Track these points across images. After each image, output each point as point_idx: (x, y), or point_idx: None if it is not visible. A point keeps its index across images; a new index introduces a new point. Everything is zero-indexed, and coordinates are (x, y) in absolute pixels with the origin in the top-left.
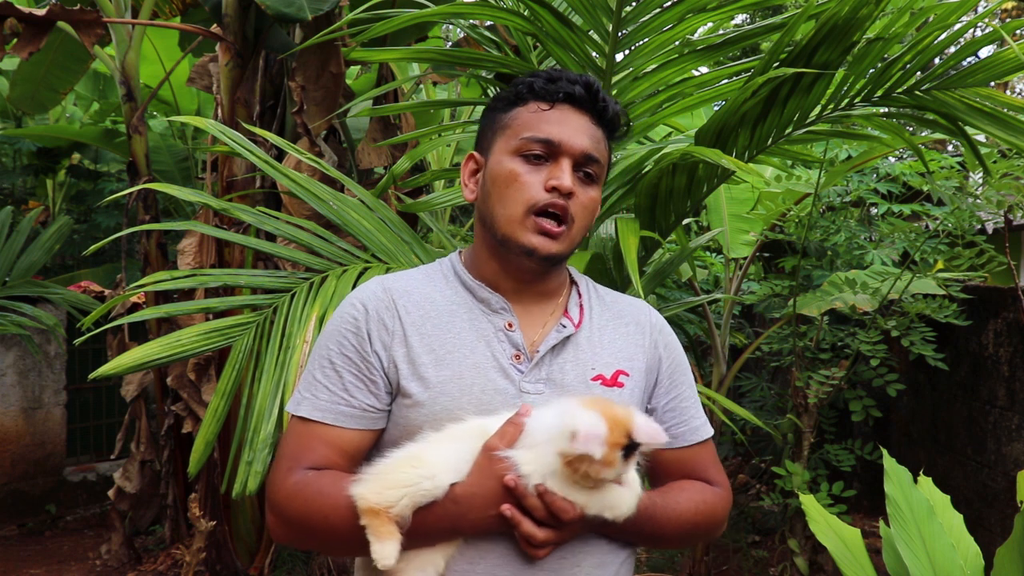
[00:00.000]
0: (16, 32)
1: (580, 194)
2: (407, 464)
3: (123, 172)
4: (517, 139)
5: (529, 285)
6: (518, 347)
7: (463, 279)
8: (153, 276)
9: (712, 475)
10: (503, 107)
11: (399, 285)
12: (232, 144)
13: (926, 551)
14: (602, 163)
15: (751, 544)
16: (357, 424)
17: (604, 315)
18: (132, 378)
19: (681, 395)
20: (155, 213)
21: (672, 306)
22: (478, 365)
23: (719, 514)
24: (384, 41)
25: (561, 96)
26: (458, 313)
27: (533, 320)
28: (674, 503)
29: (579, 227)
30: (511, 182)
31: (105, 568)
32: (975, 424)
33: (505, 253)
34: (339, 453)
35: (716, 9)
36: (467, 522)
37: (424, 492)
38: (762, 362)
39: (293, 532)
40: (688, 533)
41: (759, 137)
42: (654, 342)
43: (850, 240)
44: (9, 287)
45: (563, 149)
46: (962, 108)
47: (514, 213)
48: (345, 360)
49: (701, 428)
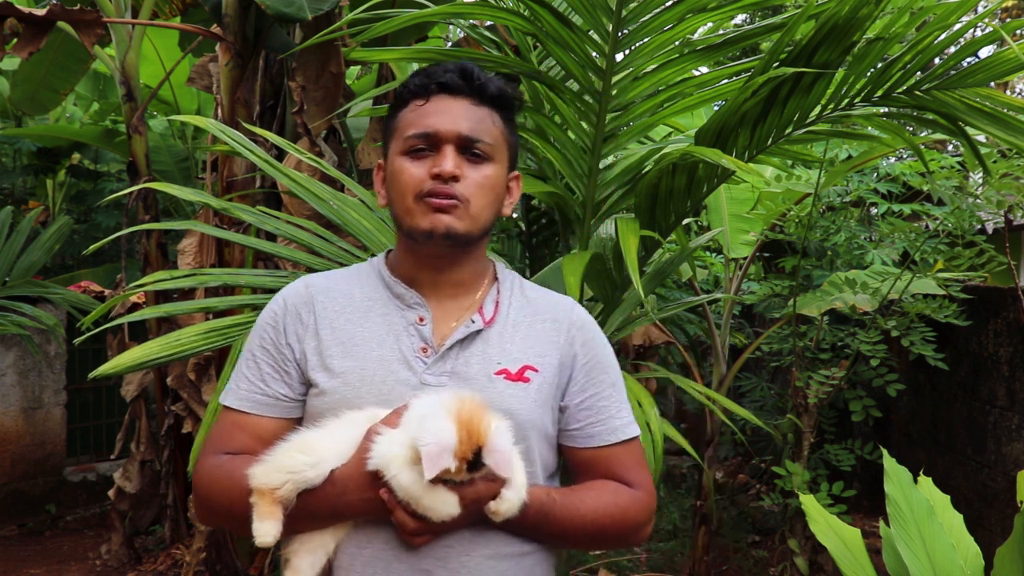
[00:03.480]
0: (16, 32)
1: (470, 174)
2: (296, 450)
3: (123, 172)
4: (402, 140)
5: (443, 275)
6: (426, 340)
7: (383, 276)
8: (153, 276)
9: (632, 476)
10: (392, 114)
11: (322, 283)
12: (232, 143)
13: (926, 551)
14: (490, 140)
15: (751, 544)
16: (272, 412)
17: (522, 311)
18: (132, 378)
19: (599, 394)
20: (155, 213)
21: (672, 306)
22: (383, 357)
23: (633, 517)
24: (384, 41)
25: (434, 88)
26: (373, 308)
27: (447, 315)
28: (578, 502)
29: (478, 205)
30: (399, 177)
31: (105, 568)
32: (975, 424)
33: (416, 245)
34: (257, 440)
35: (716, 9)
36: (344, 504)
37: (307, 480)
38: (762, 362)
39: (208, 513)
40: (595, 534)
41: (759, 137)
42: (571, 339)
43: (850, 240)
44: (9, 287)
45: (441, 136)
46: (962, 108)
47: (406, 204)
48: (264, 352)
49: (622, 428)
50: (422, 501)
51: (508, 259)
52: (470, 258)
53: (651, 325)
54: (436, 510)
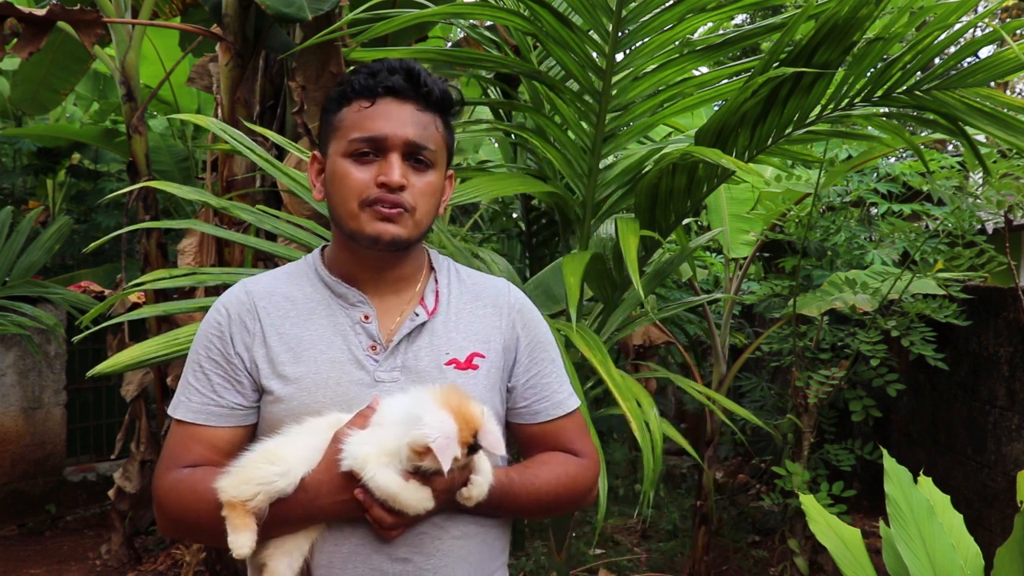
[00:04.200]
0: (16, 32)
1: (415, 182)
2: (263, 460)
3: (123, 172)
4: (346, 141)
5: (384, 273)
6: (374, 338)
7: (322, 276)
8: (152, 274)
9: (578, 446)
10: (334, 108)
11: (261, 287)
12: (233, 142)
13: (926, 551)
14: (434, 147)
15: (751, 544)
16: (227, 422)
17: (462, 298)
18: (132, 378)
19: (542, 372)
20: (155, 213)
21: (672, 306)
22: (334, 359)
23: (582, 484)
24: (384, 41)
25: (380, 90)
26: (316, 310)
27: (390, 310)
28: (532, 477)
29: (423, 212)
30: (344, 181)
31: (105, 568)
32: (975, 424)
33: (356, 246)
34: (214, 450)
35: (716, 9)
36: (318, 508)
37: (278, 490)
38: (762, 362)
39: (173, 527)
40: (550, 504)
41: (759, 137)
42: (512, 322)
43: (850, 240)
44: (9, 287)
45: (388, 143)
46: (962, 108)
47: (351, 209)
48: (212, 363)
49: (565, 401)
50: (399, 498)
51: (508, 259)
52: (409, 256)
53: (651, 325)
54: (413, 505)
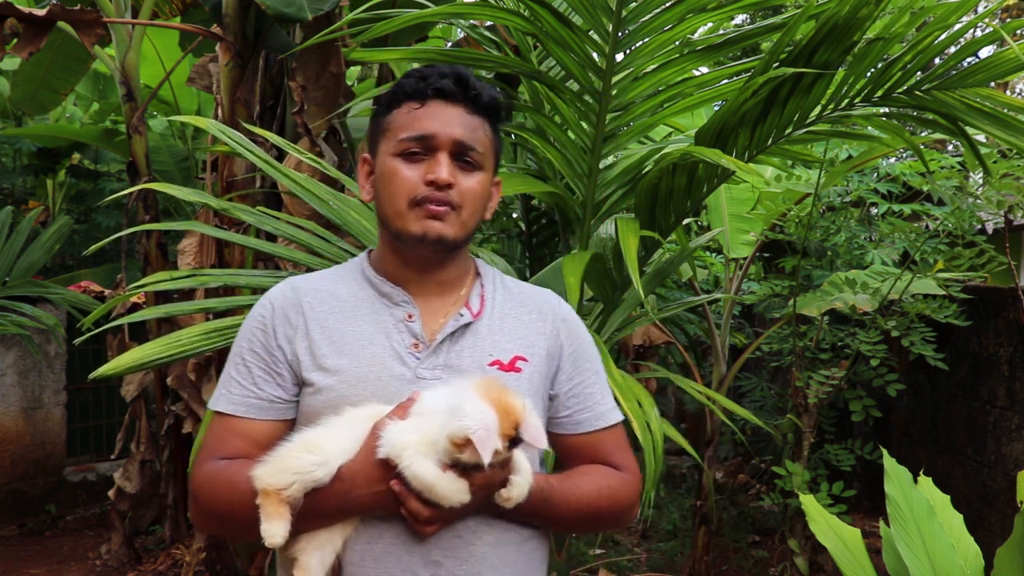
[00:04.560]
0: (16, 32)
1: (462, 182)
2: (302, 449)
3: (123, 172)
4: (395, 141)
5: (429, 275)
6: (417, 336)
7: (368, 276)
8: (153, 276)
9: (619, 460)
10: (383, 111)
11: (307, 284)
12: (232, 144)
13: (926, 551)
14: (482, 150)
15: (751, 544)
16: (266, 415)
17: (507, 304)
18: (132, 378)
19: (585, 382)
20: (155, 213)
21: (672, 306)
22: (376, 354)
23: (624, 498)
24: (384, 41)
25: (430, 92)
26: (361, 308)
27: (434, 311)
28: (573, 487)
29: (469, 212)
30: (392, 179)
31: (105, 568)
32: (975, 424)
33: (402, 246)
34: (251, 444)
35: (716, 9)
36: (353, 499)
37: (315, 479)
38: (762, 362)
39: (208, 519)
40: (591, 517)
41: (759, 137)
42: (556, 330)
43: (850, 240)
44: (9, 287)
45: (436, 142)
46: (962, 108)
47: (399, 207)
48: (254, 356)
49: (607, 414)
50: (435, 488)
51: (508, 259)
52: (455, 259)
53: (651, 325)
54: (448, 497)
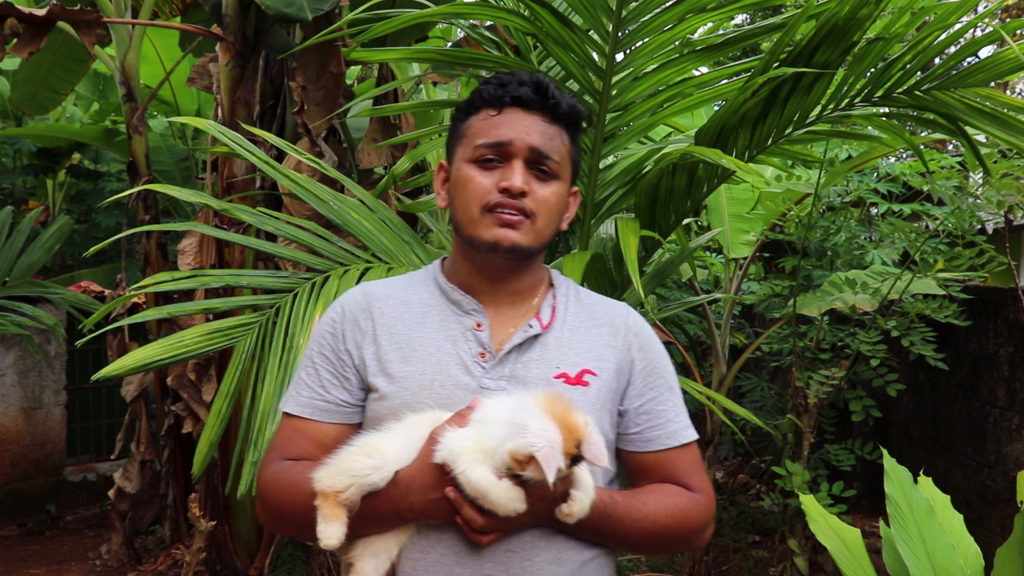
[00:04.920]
0: (16, 32)
1: (537, 190)
2: (360, 452)
3: (123, 172)
4: (471, 147)
5: (502, 284)
6: (484, 346)
7: (439, 283)
8: (155, 277)
9: (692, 480)
10: (461, 117)
11: (379, 290)
12: (232, 145)
13: (926, 551)
14: (558, 159)
15: (751, 544)
16: (332, 418)
17: (578, 316)
18: (132, 378)
19: (658, 398)
20: (155, 213)
21: (672, 306)
22: (441, 362)
23: (695, 520)
24: (384, 41)
25: (508, 100)
26: (430, 314)
27: (504, 321)
28: (640, 504)
29: (543, 221)
30: (467, 185)
31: (105, 568)
32: (975, 424)
33: (475, 254)
34: (317, 446)
35: (716, 9)
36: (408, 505)
37: (371, 483)
38: (762, 362)
39: (273, 518)
40: (658, 537)
41: (759, 137)
42: (628, 344)
43: (850, 240)
44: (9, 287)
45: (513, 149)
46: (962, 108)
47: (472, 214)
48: (323, 359)
49: (680, 432)
50: (489, 495)
51: None
52: (528, 269)
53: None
54: (504, 505)
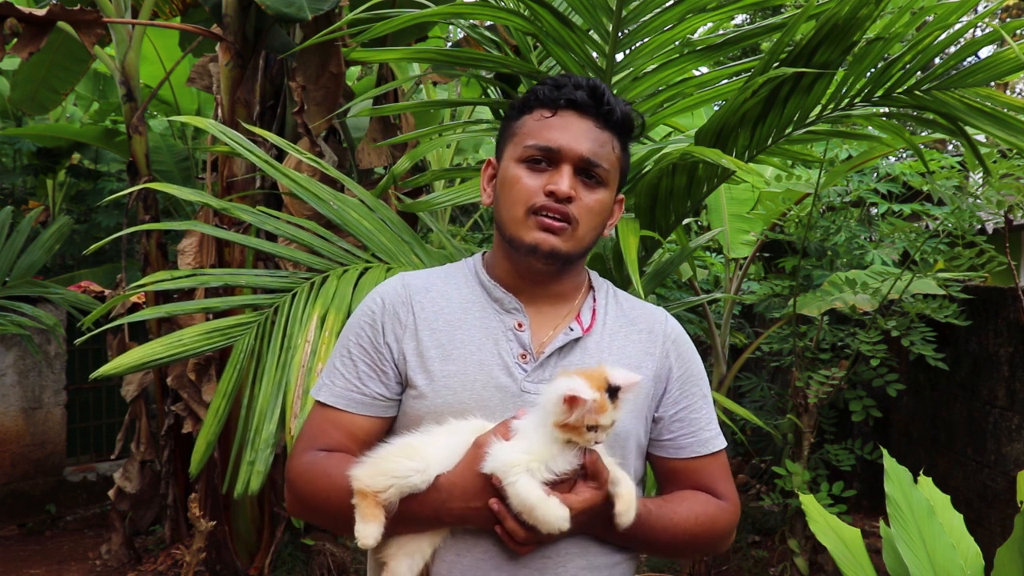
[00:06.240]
0: (16, 32)
1: (583, 197)
2: (402, 454)
3: (123, 172)
4: (522, 147)
5: (542, 287)
6: (525, 347)
7: (481, 278)
8: (154, 276)
9: (720, 488)
10: (514, 115)
11: (419, 282)
12: (232, 144)
13: (926, 551)
14: (607, 166)
15: (751, 544)
16: (368, 411)
17: (618, 320)
18: (132, 378)
19: (692, 406)
20: (155, 213)
21: (672, 306)
22: (483, 362)
23: (721, 527)
24: (384, 41)
25: (563, 103)
26: (471, 311)
27: (545, 322)
28: (671, 511)
29: (586, 228)
30: (513, 185)
31: (105, 568)
32: (975, 424)
33: (516, 255)
34: (350, 438)
35: (716, 9)
36: (447, 510)
37: (412, 485)
38: (762, 362)
39: (303, 508)
40: (686, 543)
41: (759, 137)
42: (666, 351)
43: (850, 240)
44: (9, 287)
45: (563, 155)
46: (962, 108)
47: (516, 214)
48: (360, 350)
49: (711, 440)
50: (536, 511)
51: None
52: (569, 272)
53: None
54: (548, 523)
